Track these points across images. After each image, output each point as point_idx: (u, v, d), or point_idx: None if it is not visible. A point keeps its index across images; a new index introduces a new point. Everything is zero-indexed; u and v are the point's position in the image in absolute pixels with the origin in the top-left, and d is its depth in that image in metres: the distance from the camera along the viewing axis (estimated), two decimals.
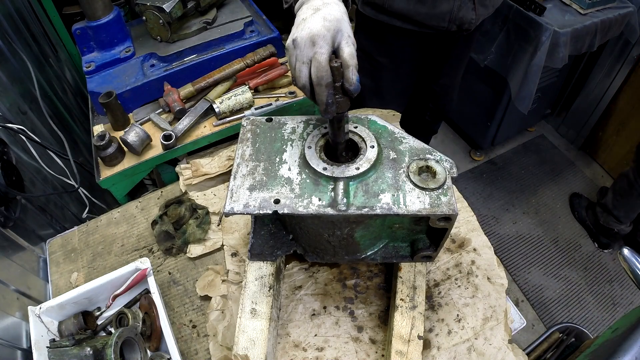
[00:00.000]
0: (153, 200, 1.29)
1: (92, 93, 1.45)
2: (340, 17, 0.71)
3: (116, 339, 0.89)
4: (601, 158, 2.88)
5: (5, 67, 1.46)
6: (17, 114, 1.46)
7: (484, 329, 0.93)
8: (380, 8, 1.43)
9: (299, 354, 0.91)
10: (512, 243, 2.52)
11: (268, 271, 0.91)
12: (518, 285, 2.34)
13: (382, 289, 1.01)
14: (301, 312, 0.98)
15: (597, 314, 2.24)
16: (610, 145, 2.77)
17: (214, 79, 1.45)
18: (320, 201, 0.78)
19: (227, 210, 0.79)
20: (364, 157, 0.83)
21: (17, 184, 1.24)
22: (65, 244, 1.24)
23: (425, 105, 1.91)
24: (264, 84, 1.51)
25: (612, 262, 2.42)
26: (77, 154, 1.83)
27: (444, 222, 0.78)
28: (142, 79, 1.45)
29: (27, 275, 1.17)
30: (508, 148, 3.00)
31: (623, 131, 2.63)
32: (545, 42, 1.98)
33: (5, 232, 1.15)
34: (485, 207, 2.69)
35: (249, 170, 0.85)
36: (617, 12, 2.08)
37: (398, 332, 0.85)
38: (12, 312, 1.04)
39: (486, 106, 2.58)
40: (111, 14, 1.44)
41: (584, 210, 2.56)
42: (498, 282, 1.00)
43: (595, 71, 2.60)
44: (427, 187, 0.78)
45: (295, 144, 0.89)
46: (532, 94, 2.18)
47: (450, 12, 1.38)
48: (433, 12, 1.38)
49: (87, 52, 1.49)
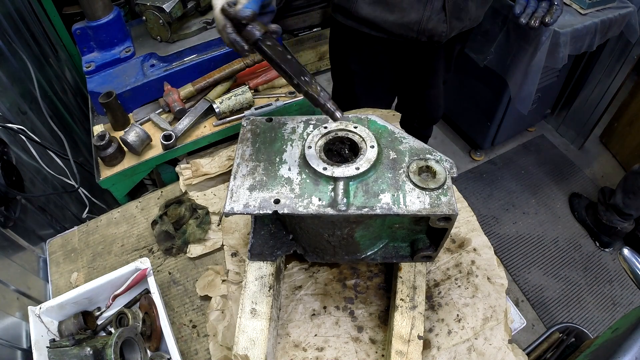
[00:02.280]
0: (153, 200, 1.29)
1: (92, 93, 1.45)
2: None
3: (116, 339, 0.89)
4: (614, 149, 2.92)
5: (5, 67, 1.46)
6: (17, 114, 1.46)
7: (484, 329, 0.93)
8: (348, 13, 1.37)
9: (299, 354, 0.91)
10: (512, 243, 2.52)
11: (268, 271, 0.91)
12: (518, 285, 2.34)
13: (382, 289, 1.01)
14: (301, 312, 0.98)
15: (597, 314, 2.24)
16: (624, 136, 2.80)
17: (214, 79, 1.45)
18: (320, 201, 0.78)
19: (227, 210, 0.79)
20: (364, 157, 0.83)
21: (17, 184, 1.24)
22: (65, 244, 1.24)
23: (412, 113, 1.86)
24: (264, 84, 1.51)
25: (612, 262, 2.42)
26: (77, 154, 1.83)
27: (444, 222, 0.78)
28: (142, 79, 1.45)
29: (27, 275, 1.17)
30: (508, 148, 3.00)
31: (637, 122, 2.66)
32: (545, 42, 1.98)
33: (5, 232, 1.15)
34: (485, 207, 2.69)
35: (249, 170, 0.85)
36: (617, 12, 2.08)
37: (398, 332, 0.85)
38: (12, 312, 1.04)
39: (486, 106, 2.58)
40: (111, 14, 1.44)
41: (584, 210, 2.56)
42: (498, 282, 1.00)
43: (595, 71, 2.60)
44: (427, 187, 0.78)
45: (295, 144, 0.89)
46: (532, 94, 2.18)
47: (418, 23, 1.32)
48: (401, 21, 1.32)
49: (87, 52, 1.49)
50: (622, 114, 2.77)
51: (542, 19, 1.15)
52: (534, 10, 1.17)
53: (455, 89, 2.80)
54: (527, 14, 1.17)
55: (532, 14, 1.17)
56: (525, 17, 1.16)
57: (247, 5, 0.79)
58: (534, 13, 1.17)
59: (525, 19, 1.16)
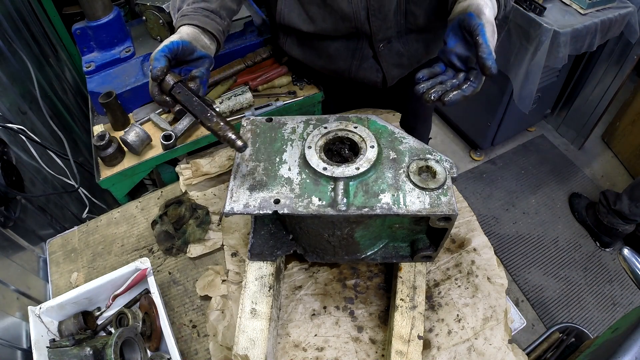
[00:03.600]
0: (153, 200, 1.29)
1: (92, 93, 1.45)
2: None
3: (116, 339, 0.89)
4: (616, 148, 2.93)
5: (5, 67, 1.46)
6: (17, 114, 1.46)
7: (484, 329, 0.93)
8: (283, 51, 1.35)
9: (299, 354, 0.91)
10: (512, 243, 2.52)
11: (268, 271, 0.91)
12: (518, 285, 2.34)
13: (382, 289, 1.01)
14: (301, 312, 0.98)
15: (597, 314, 2.24)
16: (626, 136, 2.81)
17: (214, 79, 1.45)
18: (320, 201, 0.78)
19: (227, 210, 0.79)
20: (364, 157, 0.83)
21: (17, 184, 1.24)
22: (65, 244, 1.24)
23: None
24: (264, 83, 1.51)
25: (612, 262, 2.43)
26: (77, 154, 1.83)
27: (444, 222, 0.78)
28: (142, 79, 1.45)
29: (27, 275, 1.17)
30: (508, 148, 3.00)
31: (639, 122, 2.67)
32: (545, 42, 1.98)
33: (5, 232, 1.15)
34: (485, 207, 2.69)
35: (249, 170, 0.85)
36: (617, 12, 2.08)
37: (398, 332, 0.85)
38: (12, 312, 1.04)
39: (486, 106, 2.59)
40: (111, 14, 1.44)
41: (584, 210, 2.56)
42: (498, 282, 1.00)
43: (595, 71, 2.61)
44: (427, 187, 0.78)
45: (295, 144, 0.89)
46: (533, 94, 2.18)
47: (348, 71, 1.25)
48: (330, 67, 1.26)
49: (87, 52, 1.49)
50: (624, 113, 2.78)
51: (440, 96, 0.82)
52: (441, 81, 0.85)
53: None
54: (431, 83, 0.84)
55: (436, 84, 0.84)
56: (425, 86, 0.84)
57: (154, 65, 0.82)
58: (440, 84, 0.84)
59: (422, 89, 0.83)
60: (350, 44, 1.19)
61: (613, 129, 2.91)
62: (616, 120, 2.86)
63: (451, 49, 0.85)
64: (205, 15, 0.95)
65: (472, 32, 0.80)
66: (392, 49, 1.21)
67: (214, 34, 0.96)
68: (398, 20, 1.14)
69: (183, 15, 0.95)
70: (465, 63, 0.85)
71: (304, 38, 1.24)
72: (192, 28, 0.92)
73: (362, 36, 1.17)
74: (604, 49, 2.48)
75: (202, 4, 0.96)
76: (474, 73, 0.84)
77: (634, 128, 2.72)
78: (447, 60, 0.87)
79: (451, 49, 0.85)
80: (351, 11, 1.08)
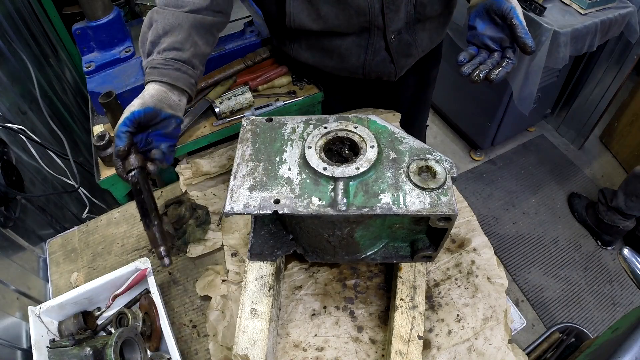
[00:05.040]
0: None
1: (92, 93, 1.45)
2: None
3: (116, 339, 0.89)
4: (614, 149, 2.93)
5: (5, 67, 1.46)
6: (17, 114, 1.46)
7: (484, 329, 0.93)
8: (289, 57, 1.34)
9: (299, 354, 0.91)
10: (512, 243, 2.52)
11: (268, 271, 0.91)
12: (518, 285, 2.34)
13: (382, 289, 1.01)
14: (301, 312, 0.98)
15: (597, 314, 2.24)
16: (624, 136, 2.81)
17: (214, 79, 1.45)
18: (320, 201, 0.78)
19: (227, 211, 0.79)
20: (364, 157, 0.83)
21: (17, 184, 1.24)
22: (65, 244, 1.24)
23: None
24: (264, 83, 1.51)
25: (612, 262, 2.43)
26: (77, 154, 1.83)
27: (444, 222, 0.78)
28: (142, 79, 1.45)
29: (27, 275, 1.17)
30: (508, 148, 3.00)
31: (637, 122, 2.67)
32: (545, 42, 1.98)
33: (5, 232, 1.15)
34: (485, 207, 2.69)
35: (249, 170, 0.85)
36: (617, 12, 2.08)
37: (398, 332, 0.85)
38: (12, 312, 1.04)
39: (486, 106, 2.59)
40: (111, 14, 1.44)
41: (584, 210, 2.56)
42: (498, 282, 1.00)
43: (596, 71, 2.61)
44: (427, 187, 0.78)
45: (295, 144, 0.89)
46: (533, 94, 2.18)
47: (362, 67, 1.25)
48: (342, 66, 1.27)
49: (87, 52, 1.49)
50: (622, 114, 2.78)
51: (487, 74, 0.91)
52: (481, 62, 0.94)
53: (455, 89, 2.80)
54: (473, 64, 0.94)
55: (478, 64, 0.94)
56: (470, 67, 0.93)
57: (117, 143, 0.83)
58: (481, 64, 0.93)
59: (468, 70, 0.93)
60: (362, 40, 1.21)
61: (611, 130, 2.91)
62: (614, 121, 2.86)
63: (482, 32, 0.94)
64: (177, 68, 0.92)
65: (505, 16, 0.89)
66: (401, 40, 1.23)
67: (185, 89, 0.94)
68: (408, 11, 1.17)
69: (152, 67, 0.92)
70: (499, 43, 0.95)
71: (312, 40, 1.24)
72: (160, 86, 0.91)
73: (374, 30, 1.18)
74: (604, 49, 2.48)
75: (173, 53, 0.92)
76: (509, 51, 0.94)
77: (632, 129, 2.72)
78: (481, 43, 0.96)
79: (482, 32, 0.94)
80: (366, 5, 1.10)
